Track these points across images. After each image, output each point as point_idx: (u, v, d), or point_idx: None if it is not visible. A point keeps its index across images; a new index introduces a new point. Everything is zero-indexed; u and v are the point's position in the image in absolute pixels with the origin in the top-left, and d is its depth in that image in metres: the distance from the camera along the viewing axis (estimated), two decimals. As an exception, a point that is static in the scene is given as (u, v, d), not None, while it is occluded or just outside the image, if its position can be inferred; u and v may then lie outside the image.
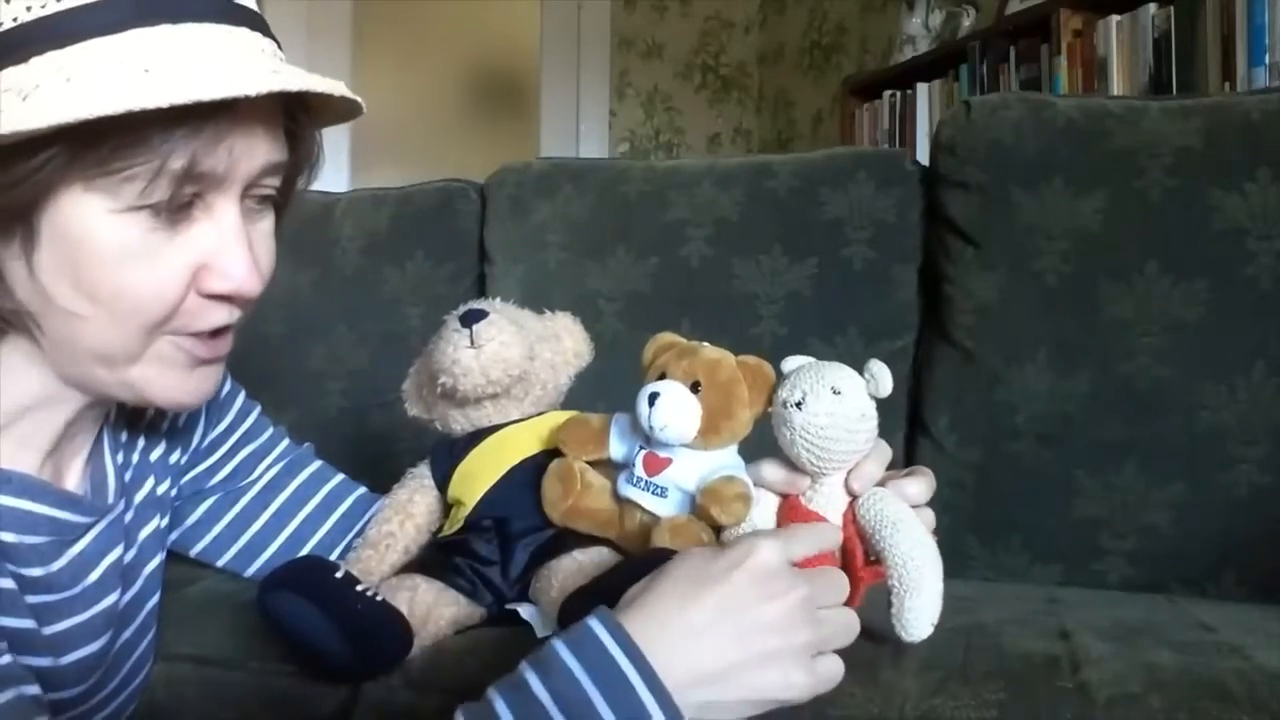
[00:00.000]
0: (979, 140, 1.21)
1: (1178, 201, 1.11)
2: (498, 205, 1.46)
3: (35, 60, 0.55)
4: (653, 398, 0.71)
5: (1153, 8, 2.03)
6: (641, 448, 0.76)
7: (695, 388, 0.72)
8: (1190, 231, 1.10)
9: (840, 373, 0.70)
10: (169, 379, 0.64)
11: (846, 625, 0.64)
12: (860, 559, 0.69)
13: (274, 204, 0.68)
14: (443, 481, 0.85)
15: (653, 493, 0.75)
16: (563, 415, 0.84)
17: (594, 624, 0.57)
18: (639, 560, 0.69)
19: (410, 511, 0.85)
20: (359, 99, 0.65)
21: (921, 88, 2.73)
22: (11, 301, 0.60)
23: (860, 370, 0.70)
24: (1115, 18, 2.11)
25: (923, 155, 1.39)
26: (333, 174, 3.07)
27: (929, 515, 0.71)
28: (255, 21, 0.62)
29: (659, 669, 0.55)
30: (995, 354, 1.17)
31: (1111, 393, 1.10)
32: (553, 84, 3.63)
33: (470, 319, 0.80)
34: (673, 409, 0.71)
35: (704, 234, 1.33)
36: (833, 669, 0.62)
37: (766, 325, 1.28)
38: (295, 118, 0.65)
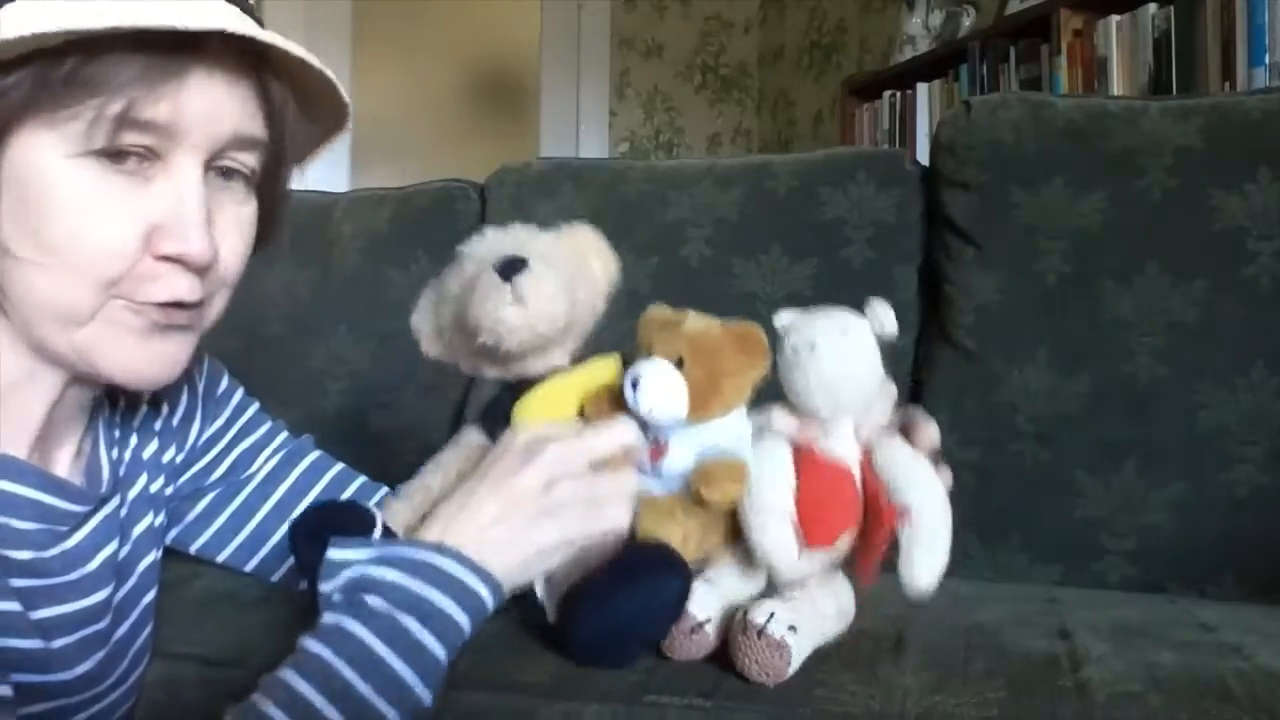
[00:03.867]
0: (979, 140, 1.21)
1: (1178, 201, 1.11)
2: (498, 205, 1.46)
3: (7, 6, 0.57)
4: (635, 381, 0.70)
5: (1153, 8, 2.03)
6: (648, 435, 0.74)
7: (681, 363, 0.71)
8: (1190, 231, 1.10)
9: (845, 315, 0.71)
10: (123, 346, 0.63)
11: (615, 481, 0.70)
12: (884, 500, 0.69)
13: (258, 193, 0.67)
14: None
15: (653, 478, 0.74)
16: (606, 365, 0.79)
17: (403, 545, 0.66)
18: (627, 555, 0.69)
19: (456, 471, 0.80)
20: (330, 74, 0.65)
21: (921, 88, 2.73)
22: None
23: (861, 311, 0.71)
24: (1115, 18, 2.11)
25: (923, 155, 1.39)
26: (333, 174, 3.07)
27: (947, 475, 0.72)
28: (241, 2, 0.63)
29: (466, 551, 0.65)
30: (995, 354, 1.17)
31: (1111, 393, 1.10)
32: (553, 84, 3.63)
33: (510, 270, 0.73)
34: (657, 389, 0.70)
35: (704, 234, 1.33)
36: (609, 515, 0.69)
37: (766, 325, 1.28)
38: (270, 100, 0.65)
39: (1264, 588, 1.01)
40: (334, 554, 0.65)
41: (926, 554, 0.67)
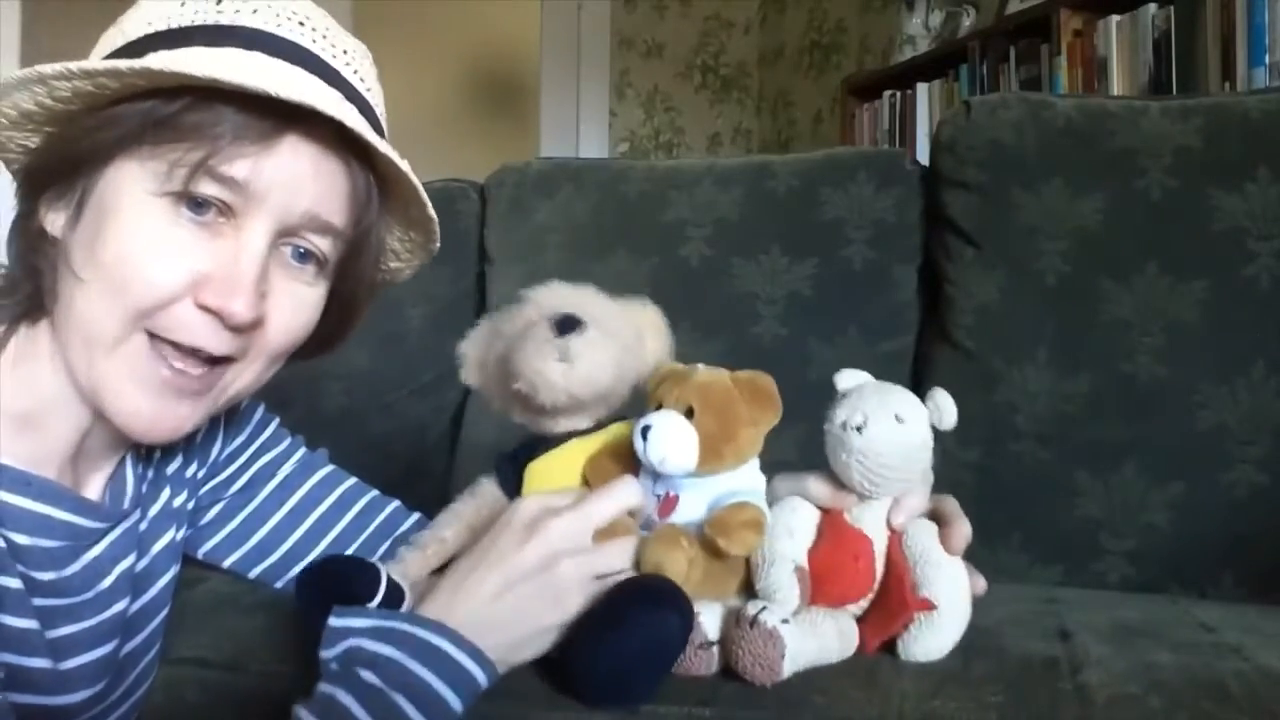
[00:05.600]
0: (979, 140, 1.21)
1: (1178, 201, 1.11)
2: (498, 205, 1.46)
3: (149, 55, 0.62)
4: (645, 431, 0.69)
5: (1153, 8, 2.03)
6: (658, 490, 0.74)
7: (690, 413, 0.69)
8: (1190, 231, 1.10)
9: (904, 400, 0.69)
10: (131, 392, 0.64)
11: (620, 551, 0.70)
12: (909, 586, 0.69)
13: (332, 287, 0.69)
14: (511, 494, 0.81)
15: None
16: (621, 429, 0.79)
17: (400, 619, 0.66)
18: (626, 591, 0.68)
19: (470, 523, 0.80)
20: (425, 197, 0.69)
21: (921, 88, 2.73)
22: (42, 257, 0.65)
23: (923, 399, 0.70)
24: (1115, 18, 2.11)
25: (923, 155, 1.39)
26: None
27: (980, 582, 0.72)
28: (367, 111, 0.67)
29: (462, 630, 0.65)
30: (995, 354, 1.17)
31: (1111, 393, 1.10)
32: (553, 84, 3.63)
33: (565, 328, 0.73)
34: (667, 440, 0.68)
35: (704, 234, 1.33)
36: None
37: (766, 325, 1.28)
38: (355, 189, 0.67)
39: (1264, 588, 1.01)
40: (335, 622, 0.66)
41: (933, 640, 0.68)
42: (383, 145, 0.65)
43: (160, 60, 0.60)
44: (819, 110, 3.43)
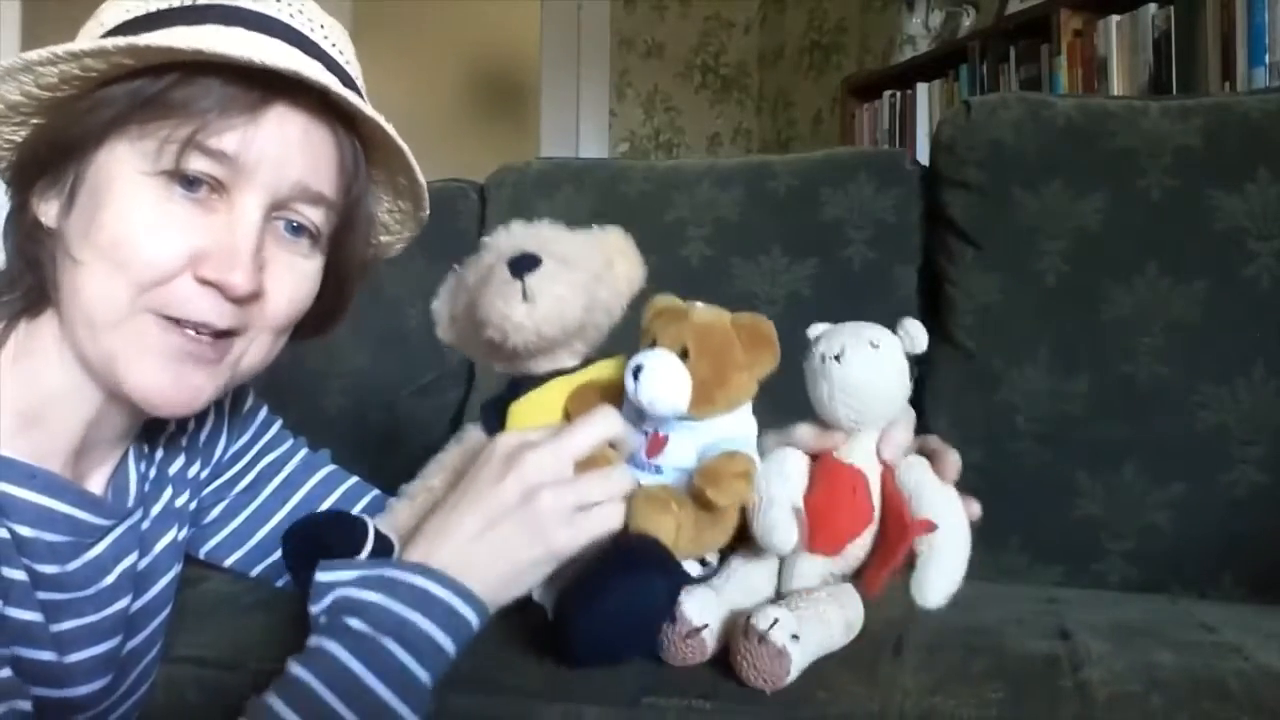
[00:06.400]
0: (979, 140, 1.21)
1: (1178, 201, 1.11)
2: (498, 205, 1.46)
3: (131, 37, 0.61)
4: (637, 370, 0.68)
5: (1153, 8, 2.03)
6: (646, 427, 0.73)
7: (685, 354, 0.68)
8: (1190, 231, 1.10)
9: (877, 329, 0.70)
10: (147, 363, 0.64)
11: (599, 481, 0.69)
12: (908, 513, 0.69)
13: (327, 260, 0.69)
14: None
15: (652, 473, 0.72)
16: (609, 366, 0.77)
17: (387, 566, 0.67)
18: (614, 551, 0.68)
19: (457, 468, 0.79)
20: (413, 163, 0.68)
21: (921, 88, 2.73)
22: (40, 248, 0.65)
23: (894, 329, 0.71)
24: (1115, 18, 2.11)
25: (923, 155, 1.39)
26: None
27: (975, 506, 0.72)
28: (331, 64, 0.67)
29: (447, 571, 0.65)
30: (995, 354, 1.17)
31: (1111, 393, 1.10)
32: (553, 84, 3.62)
33: (521, 267, 0.71)
34: (659, 381, 0.67)
35: (704, 234, 1.33)
36: (597, 519, 0.68)
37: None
38: (344, 159, 0.67)
39: (1264, 588, 1.01)
40: (321, 576, 0.66)
41: (940, 573, 0.67)
42: (369, 110, 0.65)
43: (145, 38, 0.60)
44: (819, 110, 3.43)
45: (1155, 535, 1.07)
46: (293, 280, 0.67)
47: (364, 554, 0.71)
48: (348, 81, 0.67)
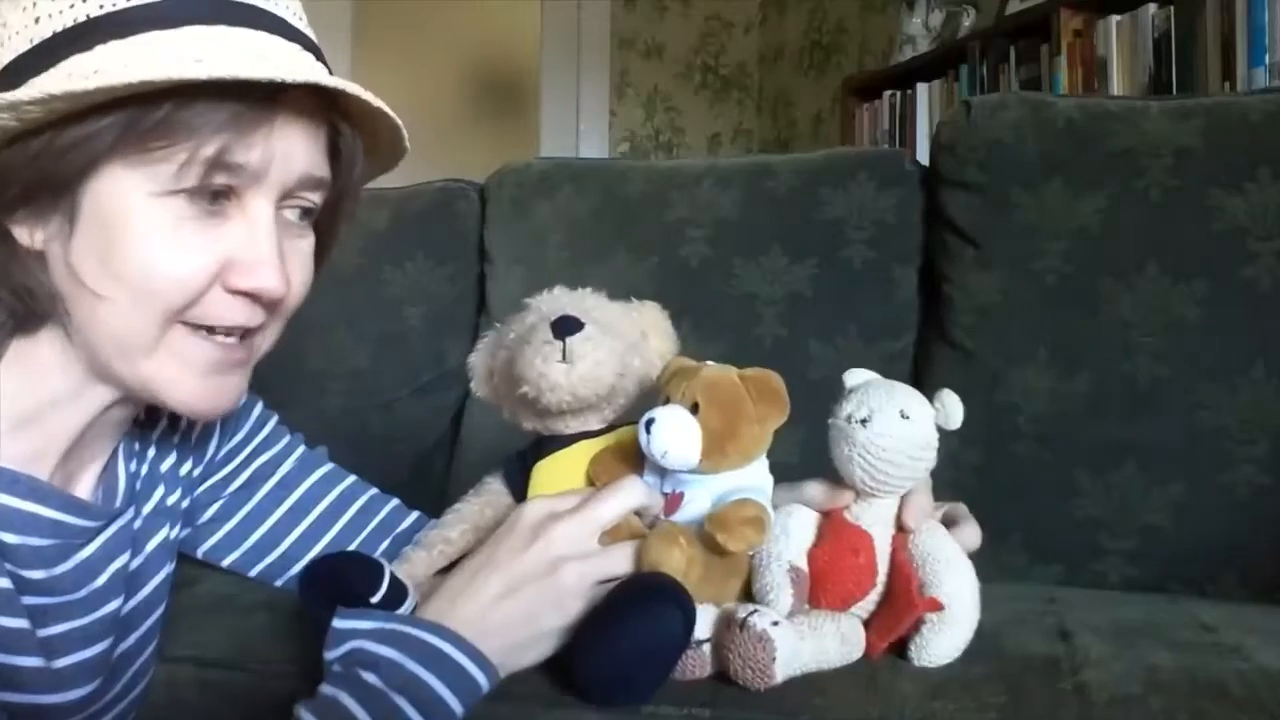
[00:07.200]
0: (979, 140, 1.21)
1: (1178, 201, 1.11)
2: (498, 205, 1.46)
3: (99, 48, 0.59)
4: (649, 424, 0.69)
5: (1153, 8, 2.03)
6: (665, 489, 0.74)
7: (696, 409, 0.69)
8: (1190, 231, 1.10)
9: (910, 397, 0.69)
10: (184, 379, 0.64)
11: (623, 555, 0.69)
12: (916, 587, 0.69)
13: (316, 227, 0.70)
14: (519, 495, 0.81)
15: None
16: (631, 431, 0.78)
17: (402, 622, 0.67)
18: (625, 589, 0.68)
19: (476, 523, 0.81)
20: (399, 121, 0.67)
21: (921, 88, 2.73)
22: (48, 284, 0.63)
23: (930, 398, 0.70)
24: (1115, 18, 2.11)
25: (923, 155, 1.39)
26: (333, 174, 3.07)
27: (976, 530, 0.72)
28: (310, 46, 0.65)
29: (464, 633, 0.65)
30: (995, 354, 1.17)
31: (1111, 393, 1.10)
32: (553, 84, 3.63)
33: (563, 329, 0.74)
34: (670, 433, 0.68)
35: (704, 234, 1.33)
36: None
37: (766, 326, 1.28)
38: (339, 144, 0.67)
39: (1264, 588, 1.01)
40: (339, 623, 0.66)
41: (943, 644, 0.68)
42: (366, 94, 0.64)
43: (121, 62, 0.57)
44: (819, 110, 3.43)
45: (1155, 535, 1.07)
46: (303, 265, 0.68)
47: (378, 597, 0.72)
48: (310, 46, 0.66)
